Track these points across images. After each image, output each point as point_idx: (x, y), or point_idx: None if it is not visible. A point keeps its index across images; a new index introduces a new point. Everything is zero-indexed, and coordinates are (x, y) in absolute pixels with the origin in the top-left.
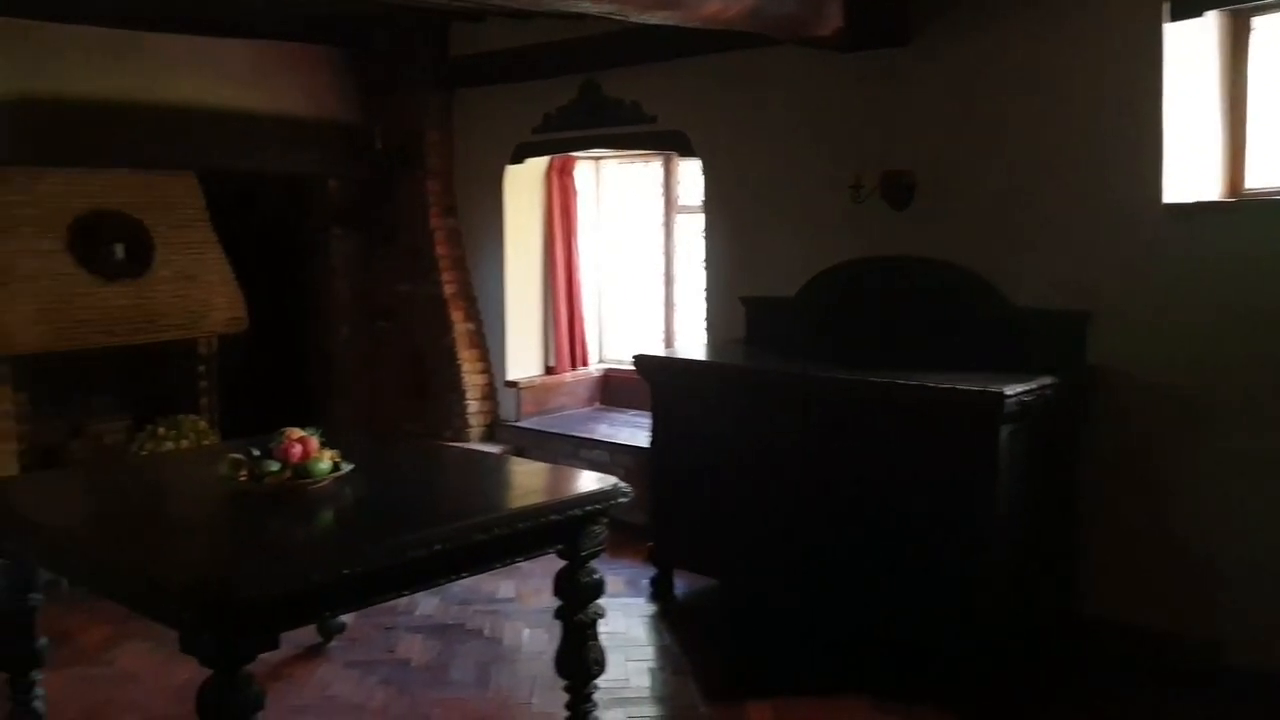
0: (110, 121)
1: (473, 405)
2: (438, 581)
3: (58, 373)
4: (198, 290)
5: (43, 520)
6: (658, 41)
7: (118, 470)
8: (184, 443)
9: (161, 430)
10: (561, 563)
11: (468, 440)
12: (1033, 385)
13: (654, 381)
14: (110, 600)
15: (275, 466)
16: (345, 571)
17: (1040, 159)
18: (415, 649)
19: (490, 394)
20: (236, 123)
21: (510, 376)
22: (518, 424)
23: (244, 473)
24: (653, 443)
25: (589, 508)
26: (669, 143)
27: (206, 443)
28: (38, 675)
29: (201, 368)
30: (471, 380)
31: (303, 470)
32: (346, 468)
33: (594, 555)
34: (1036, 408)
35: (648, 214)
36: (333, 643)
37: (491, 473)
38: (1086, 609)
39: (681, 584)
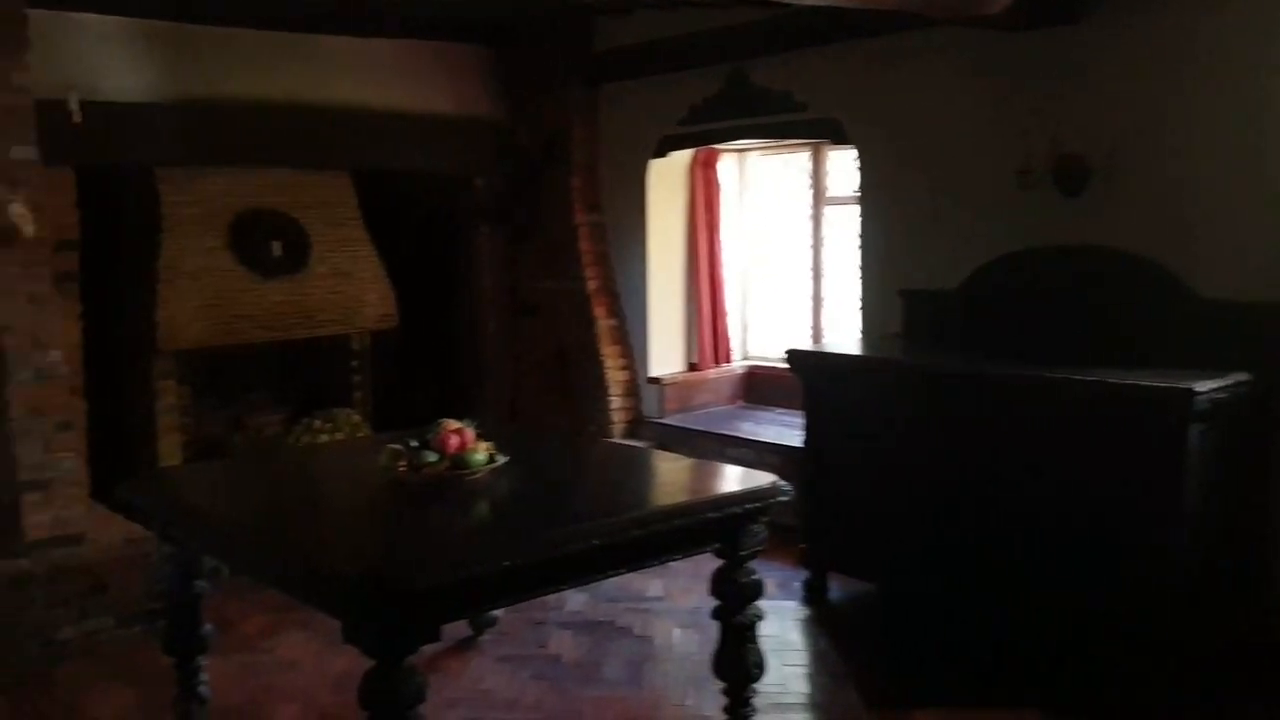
0: (268, 122)
1: (615, 402)
2: (595, 577)
3: (218, 368)
4: (351, 287)
5: (209, 509)
6: (808, 27)
7: (278, 461)
8: (339, 435)
9: (318, 423)
10: (711, 562)
11: (610, 436)
12: (1226, 382)
13: (807, 378)
14: (272, 589)
15: (433, 457)
16: (507, 564)
17: (1229, 141)
18: (566, 645)
19: (633, 390)
20: (387, 122)
21: (653, 373)
22: (660, 421)
23: (402, 463)
24: (806, 441)
25: (748, 506)
26: (821, 131)
27: (360, 435)
28: (202, 661)
29: (354, 363)
30: (614, 376)
31: (460, 461)
32: (501, 459)
33: (753, 555)
34: (1229, 407)
35: (794, 206)
36: (484, 636)
37: (644, 468)
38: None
39: (836, 587)
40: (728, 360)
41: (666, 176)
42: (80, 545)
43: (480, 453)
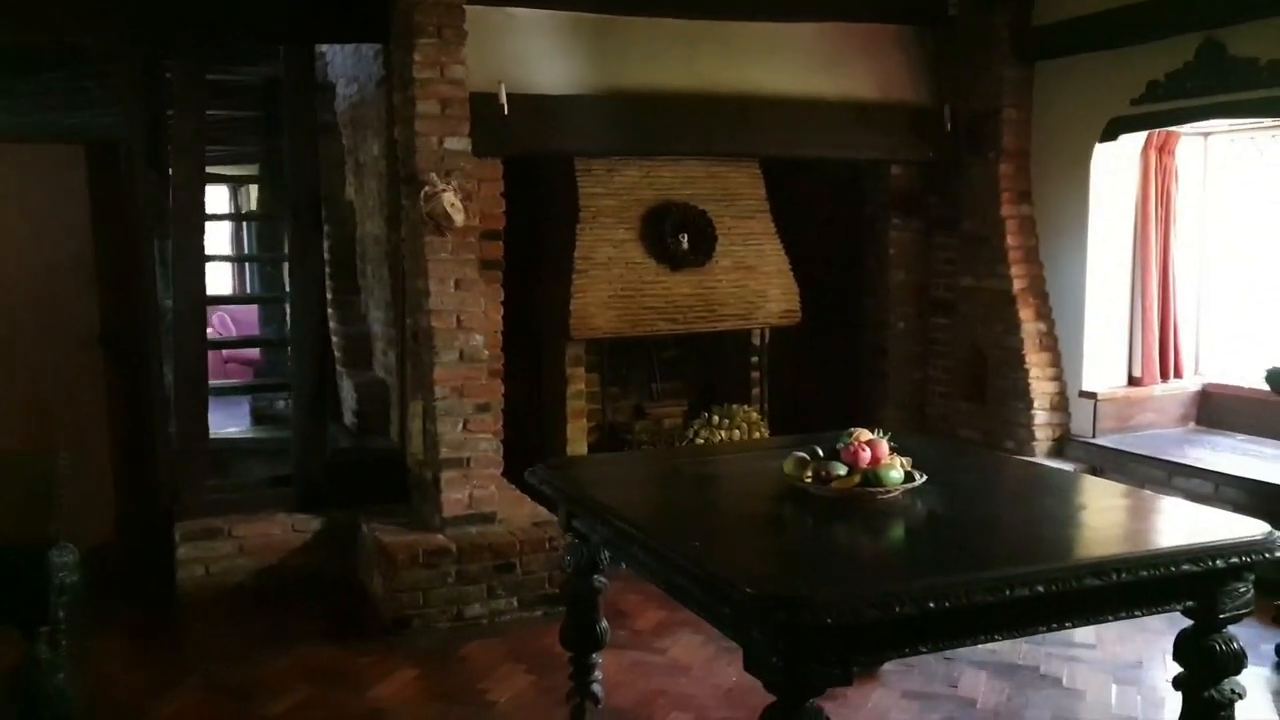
0: (684, 112)
1: (1040, 416)
2: (1035, 629)
3: (623, 356)
4: (755, 281)
5: (610, 503)
6: None
7: (679, 457)
8: (735, 433)
9: (716, 418)
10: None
11: (1032, 455)
12: None
13: None
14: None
15: (843, 470)
16: (932, 605)
17: None
18: (980, 687)
19: (1061, 405)
20: (801, 109)
21: (1086, 386)
22: (1093, 440)
23: (809, 473)
24: None
25: (1234, 560)
26: None
27: (757, 434)
28: (598, 658)
29: (755, 358)
30: (1039, 387)
31: (872, 477)
32: (919, 478)
33: (1236, 619)
34: None
35: (1270, 200)
36: (887, 665)
37: (1088, 498)
38: None
39: None
40: (1178, 376)
41: (1114, 163)
42: (492, 524)
43: (895, 469)
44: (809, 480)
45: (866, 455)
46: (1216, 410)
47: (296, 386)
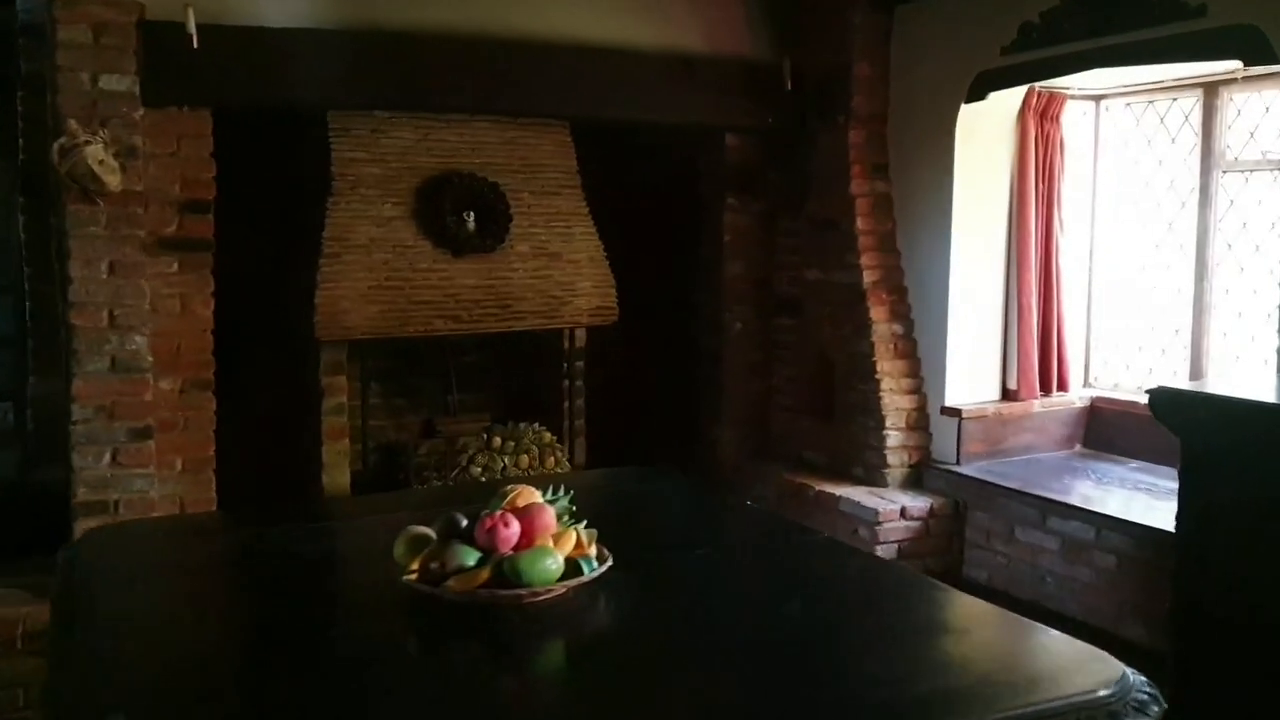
0: (465, 59)
1: (894, 437)
2: None
3: (414, 362)
4: (560, 272)
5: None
6: None
7: (286, 525)
8: (524, 458)
9: (498, 439)
10: None
11: (884, 485)
12: None
13: (1184, 432)
14: None
15: (471, 558)
16: None
17: None
18: None
19: (919, 423)
20: (611, 60)
21: (950, 401)
22: (957, 469)
23: (434, 561)
24: (1180, 531)
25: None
26: (1225, 48)
27: (552, 460)
28: None
29: (564, 365)
30: (893, 402)
31: (515, 569)
32: (597, 569)
33: None
34: None
35: (1171, 177)
36: None
37: (889, 605)
38: None
39: None
40: (1062, 389)
41: (985, 129)
42: None
43: (552, 556)
44: (413, 575)
45: (509, 533)
46: (1107, 430)
47: None
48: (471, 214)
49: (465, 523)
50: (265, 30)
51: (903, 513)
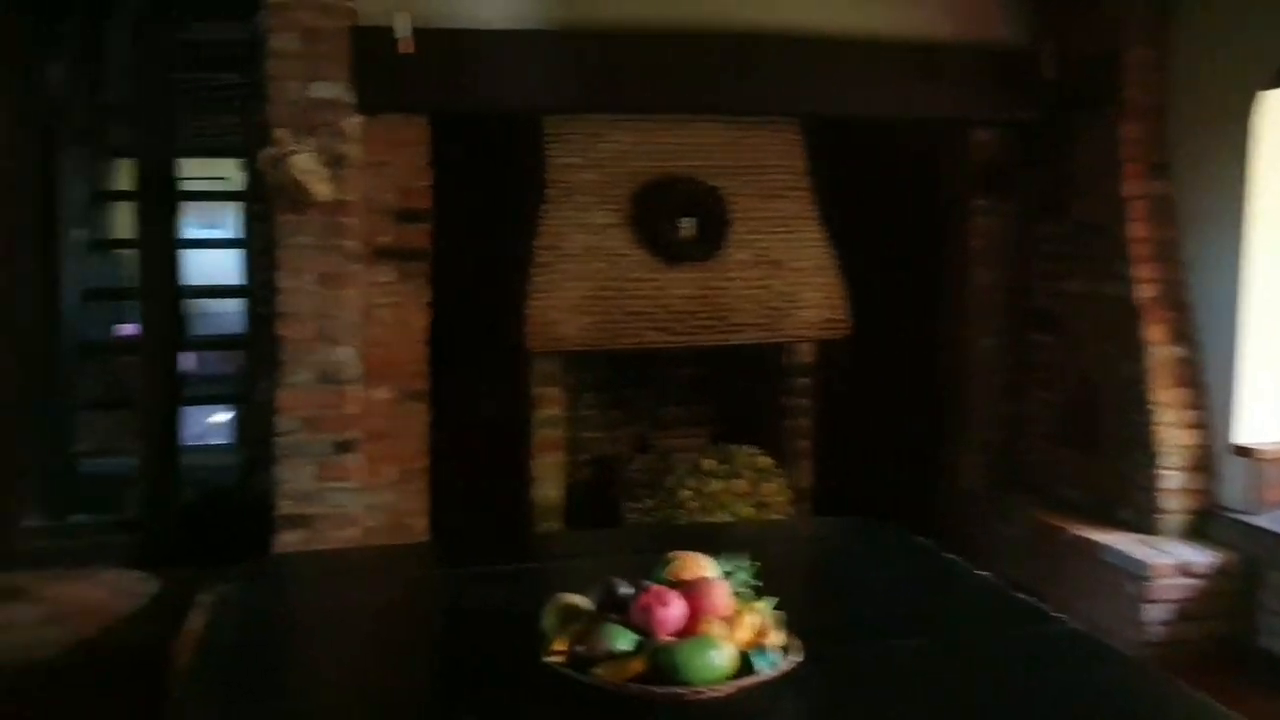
0: (686, 57)
1: (1171, 477)
2: None
3: (629, 373)
4: (782, 281)
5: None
6: None
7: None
8: (736, 482)
9: (707, 462)
10: None
11: (1157, 533)
12: None
13: None
14: None
15: (626, 642)
16: None
17: None
18: None
19: (1204, 462)
20: (847, 51)
21: (1242, 438)
22: (1250, 519)
23: (580, 644)
24: None
25: None
26: None
27: (772, 487)
28: None
29: (788, 382)
30: (1171, 436)
31: (673, 663)
32: (777, 665)
33: None
34: None
35: None
36: None
37: None
38: None
39: None
40: None
41: None
42: None
43: (719, 648)
44: (560, 657)
45: (668, 615)
46: None
47: (142, 405)
48: (689, 220)
49: (630, 591)
50: (477, 33)
51: (1181, 568)
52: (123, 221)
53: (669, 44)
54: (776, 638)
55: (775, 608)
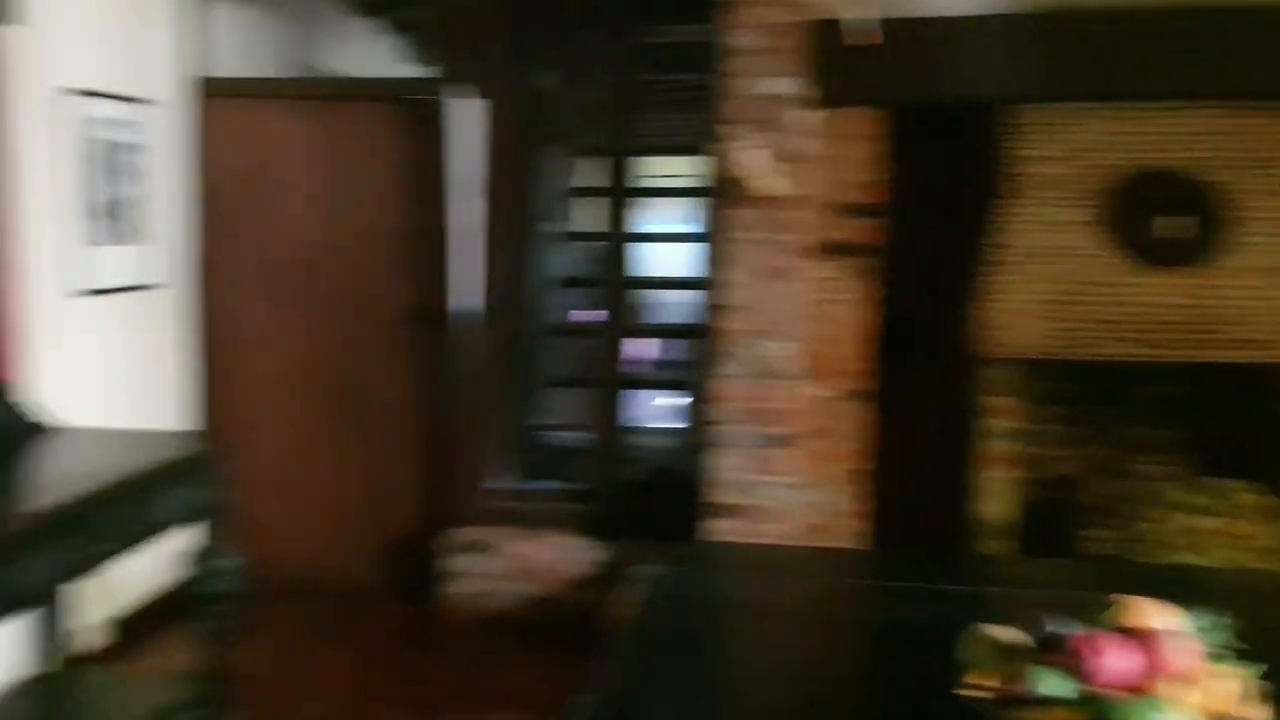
0: (1172, 34)
1: None
2: None
3: (1089, 388)
4: None
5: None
6: None
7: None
8: (1216, 520)
9: (1182, 494)
10: None
11: None
12: None
13: None
14: None
15: (1064, 687)
16: None
17: None
18: None
19: None
20: None
21: None
22: None
23: (1000, 681)
24: None
25: None
26: None
27: (1257, 530)
28: None
29: None
30: None
31: (1109, 713)
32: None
33: None
34: None
35: None
36: None
37: None
38: None
39: None
40: None
41: None
42: None
43: (1170, 712)
44: (988, 697)
45: (1113, 665)
46: None
47: (597, 386)
48: (1179, 220)
49: (1067, 632)
50: (943, 20)
51: None
52: (580, 215)
53: (1153, 22)
54: (1257, 713)
55: (1261, 677)
